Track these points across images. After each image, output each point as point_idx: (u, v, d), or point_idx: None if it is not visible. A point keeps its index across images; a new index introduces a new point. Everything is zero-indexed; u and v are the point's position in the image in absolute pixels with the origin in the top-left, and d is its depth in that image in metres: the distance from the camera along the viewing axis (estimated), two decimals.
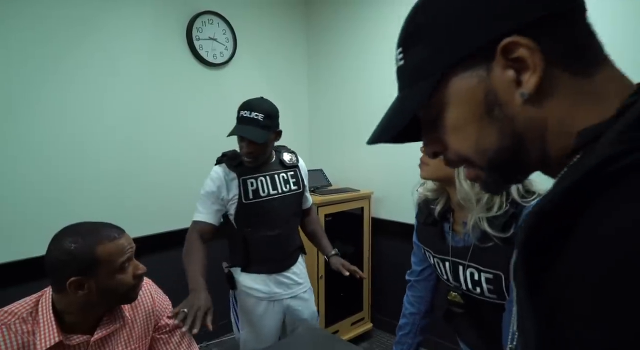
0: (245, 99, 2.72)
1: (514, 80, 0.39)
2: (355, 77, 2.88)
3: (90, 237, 0.90)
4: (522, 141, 0.41)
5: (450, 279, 0.99)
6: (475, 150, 0.44)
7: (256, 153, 1.50)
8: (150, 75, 2.33)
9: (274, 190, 1.58)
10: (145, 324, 1.06)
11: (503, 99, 0.40)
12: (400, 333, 1.15)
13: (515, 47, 0.37)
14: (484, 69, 0.40)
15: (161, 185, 2.41)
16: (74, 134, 2.08)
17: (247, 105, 1.50)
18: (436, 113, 0.45)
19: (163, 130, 2.41)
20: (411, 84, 0.46)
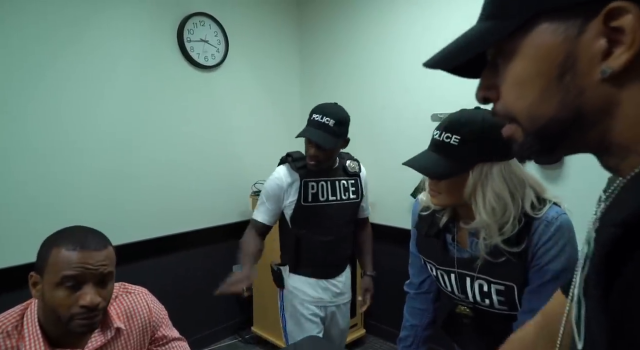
0: (237, 101, 2.74)
1: (602, 52, 0.34)
2: (347, 80, 2.86)
3: (59, 237, 0.86)
4: (582, 118, 0.37)
5: (455, 291, 0.97)
6: (527, 113, 0.40)
7: (322, 158, 1.50)
8: (141, 78, 2.27)
9: (332, 196, 1.59)
10: (141, 336, 1.02)
11: (582, 68, 0.36)
12: (402, 345, 1.13)
13: (622, 14, 0.33)
14: (576, 28, 0.35)
15: (153, 189, 2.36)
16: (64, 136, 2.02)
17: (320, 109, 1.49)
18: (503, 59, 0.42)
19: (154, 133, 2.35)
20: (491, 16, 0.42)
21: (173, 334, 1.11)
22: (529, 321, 0.68)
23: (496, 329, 0.95)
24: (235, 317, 2.83)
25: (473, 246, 0.92)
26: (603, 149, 0.39)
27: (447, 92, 2.34)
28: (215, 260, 2.70)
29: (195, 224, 2.57)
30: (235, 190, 2.76)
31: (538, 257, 0.83)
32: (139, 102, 2.27)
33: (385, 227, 2.68)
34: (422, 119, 2.44)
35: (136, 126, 2.27)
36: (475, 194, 0.84)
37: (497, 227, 0.83)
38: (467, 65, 0.44)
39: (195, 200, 2.56)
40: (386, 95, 2.65)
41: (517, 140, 0.43)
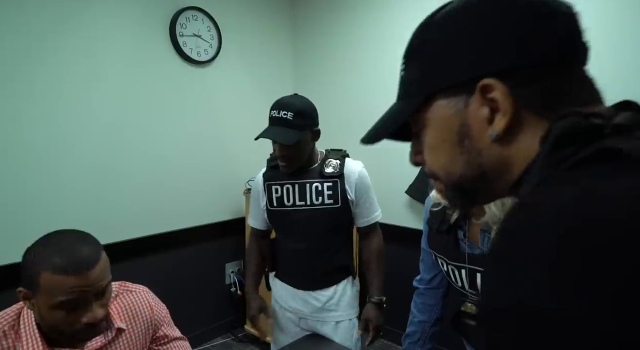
0: (231, 98, 2.71)
1: (487, 118, 0.41)
2: (341, 77, 2.85)
3: (46, 257, 0.78)
4: (485, 174, 0.44)
5: (466, 286, 0.98)
6: (443, 172, 0.47)
7: (290, 157, 1.34)
8: (132, 72, 2.22)
9: (300, 201, 1.40)
10: (142, 335, 1.00)
11: (474, 133, 0.43)
12: (409, 341, 1.13)
13: (491, 89, 0.40)
14: (463, 102, 0.43)
15: (144, 187, 2.31)
16: (53, 133, 1.96)
17: (276, 104, 1.35)
18: (420, 129, 0.49)
19: (146, 129, 2.30)
20: (405, 96, 0.50)
21: (174, 333, 1.09)
22: None
23: None
24: (228, 315, 2.81)
25: (485, 242, 0.93)
26: (515, 194, 0.45)
27: None
28: (207, 258, 2.66)
29: (187, 222, 2.53)
30: (228, 187, 2.73)
31: None
32: (130, 97, 2.22)
33: (382, 225, 2.69)
34: None
35: (127, 122, 2.22)
36: None
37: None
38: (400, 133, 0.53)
39: (187, 198, 2.52)
40: (381, 93, 2.65)
41: (444, 193, 0.50)
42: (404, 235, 2.54)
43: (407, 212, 2.55)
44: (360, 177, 1.41)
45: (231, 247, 2.79)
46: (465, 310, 0.98)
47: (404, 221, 2.56)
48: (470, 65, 0.42)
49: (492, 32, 0.41)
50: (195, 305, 2.58)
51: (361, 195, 1.41)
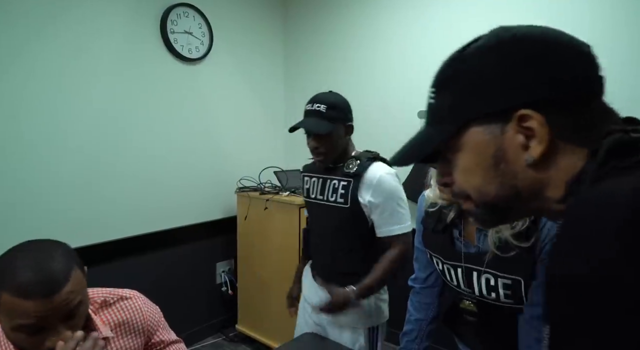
0: (222, 95, 2.70)
1: (522, 145, 0.45)
2: (332, 77, 2.85)
3: (8, 275, 0.71)
4: (519, 195, 0.48)
5: (461, 285, 0.98)
6: (476, 192, 0.51)
7: (323, 148, 1.36)
8: (122, 69, 2.19)
9: (320, 195, 1.46)
10: (135, 342, 0.97)
11: (510, 157, 0.47)
12: (406, 339, 1.14)
13: (528, 118, 0.44)
14: (499, 128, 0.46)
15: (134, 185, 2.28)
16: (42, 132, 1.92)
17: (311, 99, 1.41)
18: (451, 153, 0.52)
19: (137, 127, 2.27)
20: (435, 122, 0.53)
21: (170, 337, 1.07)
22: None
23: (500, 323, 0.97)
24: (219, 315, 2.79)
25: (481, 241, 0.94)
26: (545, 214, 0.53)
27: None
28: (198, 258, 2.64)
29: (178, 221, 2.50)
30: (219, 186, 2.71)
31: (547, 251, 0.85)
32: (121, 94, 2.19)
33: None
34: (408, 116, 2.47)
35: (117, 120, 2.18)
36: None
37: None
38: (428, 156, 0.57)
39: (178, 197, 2.50)
40: (372, 92, 2.66)
41: (474, 213, 0.53)
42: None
43: None
44: (380, 182, 1.33)
45: (222, 246, 2.77)
46: (464, 307, 0.98)
47: None
48: (506, 95, 0.45)
49: (527, 67, 0.45)
50: (186, 305, 2.56)
51: (379, 202, 1.33)
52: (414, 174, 2.43)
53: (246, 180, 2.62)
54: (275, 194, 2.43)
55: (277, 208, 2.38)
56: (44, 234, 1.93)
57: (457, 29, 2.25)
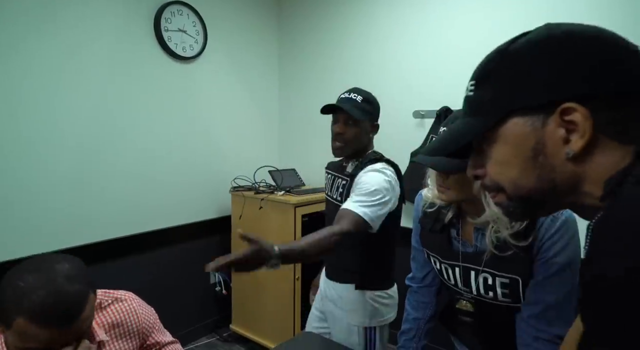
0: (216, 94, 2.70)
1: (563, 138, 0.46)
2: (328, 76, 2.85)
3: (26, 298, 0.70)
4: (555, 188, 0.48)
5: (459, 284, 0.99)
6: (512, 184, 0.51)
7: (347, 135, 1.35)
8: (115, 67, 2.16)
9: (329, 191, 1.55)
10: (128, 344, 0.96)
11: (549, 151, 0.47)
12: (404, 338, 1.14)
13: (572, 111, 0.45)
14: (540, 121, 0.47)
15: (128, 185, 2.25)
16: (34, 130, 1.88)
17: (347, 90, 1.43)
18: (488, 145, 0.53)
19: (130, 126, 2.25)
20: (474, 114, 0.54)
21: (165, 339, 1.06)
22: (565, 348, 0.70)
23: (497, 321, 0.98)
24: (213, 315, 2.77)
25: (479, 241, 0.94)
26: (577, 209, 0.52)
27: (429, 89, 2.38)
28: (192, 257, 2.62)
29: (172, 220, 2.48)
30: (214, 185, 2.69)
31: (544, 250, 0.85)
32: (114, 93, 2.16)
33: None
34: (403, 115, 2.47)
35: (111, 119, 2.16)
36: None
37: (507, 219, 0.85)
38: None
39: (172, 196, 2.48)
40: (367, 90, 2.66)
41: (506, 206, 0.54)
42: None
43: None
44: (364, 172, 1.32)
45: (217, 246, 2.76)
46: (460, 307, 0.99)
47: None
48: (550, 88, 0.46)
49: (573, 62, 0.45)
50: (179, 305, 2.54)
51: (354, 187, 1.31)
52: (408, 175, 2.44)
53: (240, 179, 2.60)
54: (270, 193, 2.42)
55: (272, 207, 2.37)
56: (36, 232, 1.91)
57: (454, 27, 2.26)
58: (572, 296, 0.86)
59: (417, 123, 2.43)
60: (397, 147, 2.49)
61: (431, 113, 2.34)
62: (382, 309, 1.43)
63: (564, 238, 0.84)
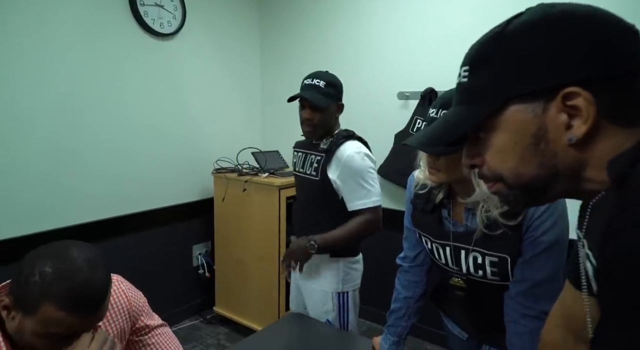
0: (196, 73, 2.61)
1: (565, 123, 0.45)
2: (311, 56, 2.80)
3: (56, 286, 0.70)
4: (557, 174, 0.47)
5: (450, 263, 1.00)
6: (512, 173, 0.50)
7: (315, 121, 1.45)
8: (87, 45, 2.05)
9: (301, 168, 1.59)
10: (121, 328, 0.94)
11: (551, 137, 0.46)
12: (394, 316, 1.16)
13: (575, 96, 0.43)
14: (541, 107, 0.46)
15: (105, 166, 2.18)
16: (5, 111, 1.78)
17: (310, 74, 1.48)
18: (485, 133, 0.51)
19: (108, 106, 2.16)
20: (470, 102, 0.52)
21: (155, 322, 1.05)
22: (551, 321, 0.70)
23: (487, 299, 1.00)
24: (196, 298, 2.76)
25: (469, 220, 0.95)
26: (575, 194, 0.51)
27: (414, 70, 2.37)
28: (175, 240, 2.59)
29: (152, 203, 2.43)
30: (195, 167, 2.64)
31: (533, 229, 0.87)
32: (85, 71, 2.05)
33: None
34: (388, 97, 2.46)
35: (85, 99, 2.06)
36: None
37: (497, 199, 0.86)
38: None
39: (153, 178, 2.42)
40: (351, 73, 2.62)
41: (505, 195, 0.53)
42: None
43: None
44: (347, 161, 1.41)
45: (199, 228, 2.72)
46: (454, 283, 1.01)
47: None
48: (551, 73, 0.44)
49: (572, 44, 0.44)
50: (162, 288, 2.51)
51: (345, 179, 1.43)
52: (392, 157, 2.45)
53: (223, 161, 2.56)
54: (254, 175, 2.39)
55: (256, 190, 2.34)
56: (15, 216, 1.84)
57: (439, 8, 2.24)
58: (558, 273, 0.88)
59: (402, 104, 2.43)
60: (381, 128, 2.50)
61: (415, 94, 2.33)
62: (353, 274, 1.55)
63: (552, 217, 0.86)
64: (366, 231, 1.44)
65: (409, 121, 2.36)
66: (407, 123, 2.36)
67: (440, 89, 2.24)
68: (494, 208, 0.88)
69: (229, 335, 2.55)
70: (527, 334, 0.89)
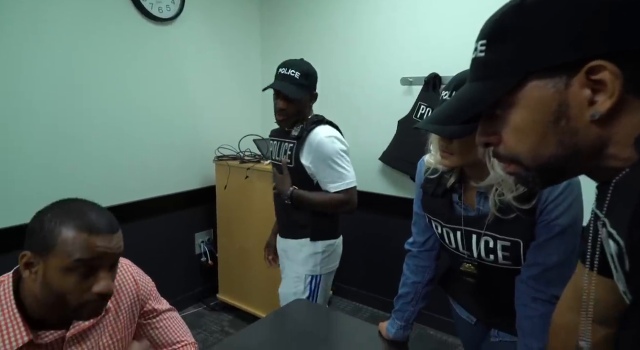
0: (195, 59, 2.55)
1: (588, 99, 0.42)
2: (312, 39, 2.75)
3: (70, 215, 0.75)
4: (578, 153, 0.45)
5: (460, 248, 0.99)
6: (529, 152, 0.48)
7: (289, 110, 1.48)
8: (83, 27, 2.00)
9: (277, 156, 1.62)
10: (130, 311, 0.95)
11: (573, 113, 0.44)
12: (402, 301, 1.15)
13: (600, 70, 0.41)
14: (563, 82, 0.43)
15: (107, 155, 2.16)
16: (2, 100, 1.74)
17: (285, 63, 1.50)
18: (502, 110, 0.49)
19: (106, 93, 2.12)
20: (487, 77, 0.49)
21: (163, 307, 1.05)
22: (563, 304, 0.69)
23: (497, 283, 1.00)
24: (199, 285, 2.77)
25: (481, 204, 0.94)
26: (593, 173, 0.49)
27: (417, 56, 2.33)
28: (177, 228, 2.58)
29: (154, 191, 2.41)
30: (196, 154, 2.61)
31: (547, 212, 0.86)
32: (81, 57, 2.01)
33: None
34: (391, 82, 2.43)
35: (84, 86, 2.02)
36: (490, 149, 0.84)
37: (512, 181, 0.84)
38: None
39: (154, 166, 2.39)
40: (354, 57, 2.59)
41: (521, 175, 0.51)
42: (378, 202, 2.57)
43: (381, 179, 2.57)
44: (319, 146, 1.46)
45: (201, 216, 2.71)
46: (464, 269, 1.00)
47: (377, 188, 2.58)
48: (575, 45, 0.42)
49: (597, 15, 0.41)
50: (165, 276, 2.49)
51: (318, 164, 1.48)
52: (395, 144, 2.43)
53: (224, 148, 2.53)
54: (257, 162, 2.37)
55: (259, 177, 2.33)
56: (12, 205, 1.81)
57: None
58: (571, 257, 0.87)
59: (405, 90, 2.40)
60: (383, 115, 2.47)
61: (419, 80, 2.30)
62: (332, 256, 1.62)
63: (567, 200, 0.85)
64: (338, 209, 1.52)
65: (412, 107, 2.33)
66: (411, 109, 2.34)
67: (444, 74, 2.21)
68: (508, 191, 0.86)
69: (233, 322, 2.56)
70: (538, 318, 0.89)
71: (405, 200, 2.44)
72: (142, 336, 1.01)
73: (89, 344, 0.85)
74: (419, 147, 1.12)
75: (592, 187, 0.88)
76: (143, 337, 1.01)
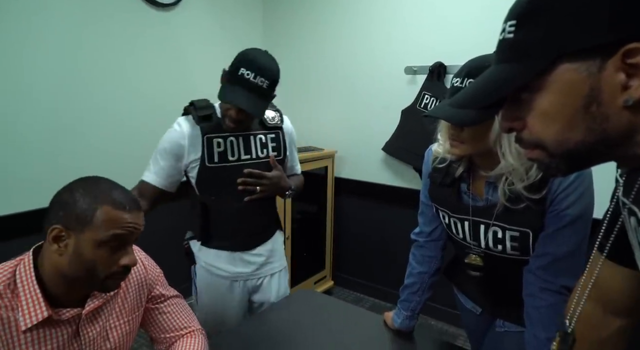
0: (197, 46, 2.51)
1: (623, 84, 0.41)
2: (315, 27, 2.72)
3: (101, 195, 0.80)
4: (606, 140, 0.44)
5: (467, 238, 0.98)
6: (556, 138, 0.46)
7: (245, 121, 1.26)
8: (84, 13, 1.97)
9: (246, 154, 1.31)
10: (137, 294, 0.96)
11: (605, 98, 0.42)
12: (408, 291, 1.14)
13: (638, 53, 0.39)
14: (596, 65, 0.41)
15: (103, 143, 2.14)
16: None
17: (253, 65, 1.18)
18: (529, 94, 0.47)
19: (103, 81, 2.09)
20: (515, 59, 0.47)
21: (170, 293, 1.07)
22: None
23: (503, 275, 0.99)
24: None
25: (490, 194, 0.93)
26: (626, 159, 0.47)
27: (421, 44, 2.30)
28: (179, 217, 2.56)
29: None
30: None
31: (557, 202, 0.85)
32: (81, 44, 1.97)
33: (354, 181, 2.69)
34: (395, 71, 2.40)
35: (80, 73, 1.99)
36: (501, 137, 0.83)
37: (524, 170, 0.83)
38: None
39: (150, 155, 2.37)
40: (357, 45, 2.56)
41: (545, 162, 0.49)
42: (381, 193, 2.57)
43: (383, 169, 2.56)
44: (292, 130, 1.46)
45: None
46: (469, 262, 0.99)
47: (380, 179, 2.57)
48: (612, 26, 0.40)
49: None
50: (169, 264, 2.48)
51: (293, 148, 1.47)
52: (398, 134, 2.41)
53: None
54: None
55: None
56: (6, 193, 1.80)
57: None
58: (581, 248, 0.86)
59: (409, 79, 2.37)
60: (387, 104, 2.45)
61: (424, 69, 2.28)
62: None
63: (578, 190, 0.84)
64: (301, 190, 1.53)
65: (416, 97, 2.31)
66: (415, 99, 2.31)
67: (450, 63, 2.18)
68: (518, 181, 0.85)
69: None
70: (545, 308, 0.88)
71: (408, 190, 2.43)
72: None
73: (100, 323, 0.88)
74: (423, 138, 1.10)
75: (602, 178, 0.88)
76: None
